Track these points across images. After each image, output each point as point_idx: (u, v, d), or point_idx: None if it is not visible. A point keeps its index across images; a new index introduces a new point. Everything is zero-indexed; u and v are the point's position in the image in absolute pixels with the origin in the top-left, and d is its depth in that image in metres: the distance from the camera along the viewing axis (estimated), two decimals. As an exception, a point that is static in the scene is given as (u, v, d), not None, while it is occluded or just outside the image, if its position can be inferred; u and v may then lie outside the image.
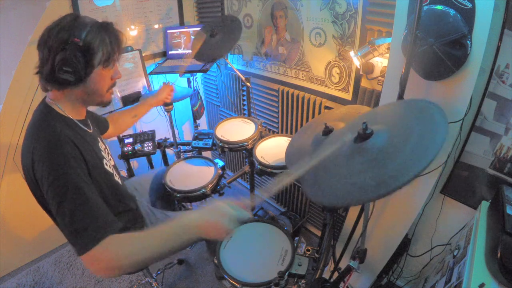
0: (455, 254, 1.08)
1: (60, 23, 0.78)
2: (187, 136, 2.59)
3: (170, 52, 2.10)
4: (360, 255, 0.93)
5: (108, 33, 0.83)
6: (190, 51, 1.59)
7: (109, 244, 0.71)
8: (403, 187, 0.55)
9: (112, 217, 0.78)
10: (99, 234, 0.71)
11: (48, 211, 0.88)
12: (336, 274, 1.22)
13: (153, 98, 1.45)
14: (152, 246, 0.73)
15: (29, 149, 0.77)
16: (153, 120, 2.24)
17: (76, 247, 0.71)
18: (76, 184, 0.74)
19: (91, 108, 1.01)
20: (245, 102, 2.11)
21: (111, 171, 0.99)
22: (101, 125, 1.21)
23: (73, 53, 0.76)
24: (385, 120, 0.79)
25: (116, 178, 1.03)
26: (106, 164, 0.95)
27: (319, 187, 0.70)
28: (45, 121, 0.81)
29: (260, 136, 1.61)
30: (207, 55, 1.54)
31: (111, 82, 0.91)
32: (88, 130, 0.95)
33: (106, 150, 1.02)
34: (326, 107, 1.58)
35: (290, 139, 1.57)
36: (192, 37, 2.03)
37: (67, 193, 0.72)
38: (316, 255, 1.19)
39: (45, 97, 0.88)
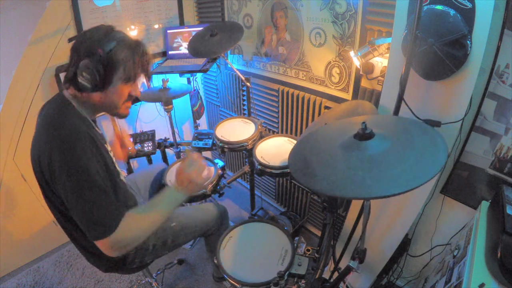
0: (455, 254, 1.08)
1: (96, 33, 0.83)
2: (187, 136, 2.59)
3: (170, 52, 2.10)
4: (360, 255, 0.93)
5: (135, 52, 0.86)
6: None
7: (122, 228, 0.81)
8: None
9: (121, 206, 0.86)
10: (115, 221, 0.81)
11: (53, 206, 0.90)
12: (336, 274, 1.22)
13: None
14: (155, 221, 0.89)
15: (46, 142, 0.79)
16: (153, 120, 2.24)
17: (93, 234, 0.79)
18: (94, 177, 0.79)
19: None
20: (245, 102, 2.11)
21: (119, 170, 1.02)
22: None
23: (94, 63, 0.80)
24: (388, 127, 0.79)
25: (122, 177, 1.05)
26: (114, 163, 0.98)
27: (312, 174, 0.71)
28: (63, 116, 0.83)
29: (260, 136, 1.61)
30: (203, 52, 1.54)
31: (128, 97, 0.94)
32: (99, 130, 0.97)
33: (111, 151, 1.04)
34: (326, 107, 1.58)
35: (290, 139, 1.58)
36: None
37: (85, 185, 0.78)
38: (316, 255, 1.19)
39: (62, 90, 0.90)
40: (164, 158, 2.02)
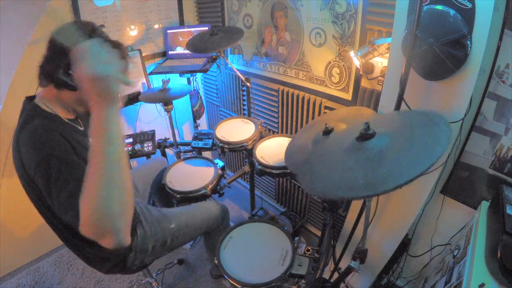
0: (455, 254, 1.08)
1: (84, 27, 0.81)
2: (187, 136, 2.59)
3: (170, 52, 2.10)
4: (361, 255, 0.93)
5: (121, 49, 0.84)
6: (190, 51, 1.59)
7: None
8: (392, 191, 0.56)
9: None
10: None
11: (41, 211, 0.90)
12: (336, 274, 1.22)
13: None
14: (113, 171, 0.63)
15: (16, 143, 0.80)
16: (153, 120, 2.24)
17: (71, 220, 0.68)
18: (60, 160, 0.74)
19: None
20: (245, 102, 2.11)
21: None
22: None
23: None
24: (389, 125, 0.79)
25: None
26: None
27: (313, 177, 0.71)
28: (31, 117, 0.83)
29: (260, 136, 1.61)
30: (202, 48, 1.54)
31: None
32: (79, 127, 0.94)
33: None
34: (326, 107, 1.58)
35: (290, 139, 1.58)
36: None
37: (52, 170, 0.73)
38: (316, 255, 1.19)
39: (32, 97, 0.90)
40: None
